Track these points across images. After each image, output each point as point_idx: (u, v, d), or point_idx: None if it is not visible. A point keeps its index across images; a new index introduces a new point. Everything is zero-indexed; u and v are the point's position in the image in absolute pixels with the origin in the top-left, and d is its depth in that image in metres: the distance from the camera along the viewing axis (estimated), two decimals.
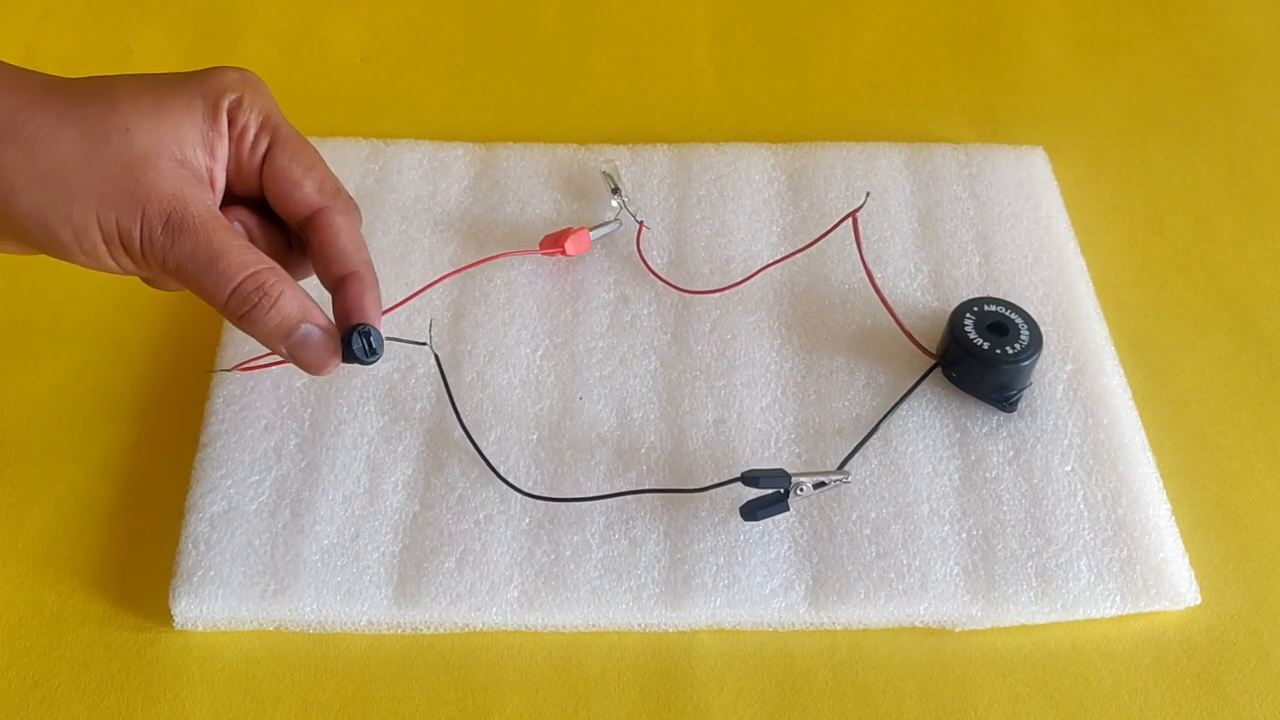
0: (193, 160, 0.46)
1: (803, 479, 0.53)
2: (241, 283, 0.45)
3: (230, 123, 0.48)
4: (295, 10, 0.80)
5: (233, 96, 0.47)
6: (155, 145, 0.45)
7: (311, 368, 0.48)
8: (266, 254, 0.47)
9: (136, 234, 0.44)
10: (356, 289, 0.49)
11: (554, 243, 0.63)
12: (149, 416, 0.59)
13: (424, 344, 0.57)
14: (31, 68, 0.46)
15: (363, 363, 0.48)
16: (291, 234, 0.51)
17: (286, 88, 0.75)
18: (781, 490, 0.53)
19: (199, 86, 0.47)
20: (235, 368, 0.58)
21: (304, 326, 0.47)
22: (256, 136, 0.48)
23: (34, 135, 0.44)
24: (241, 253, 0.46)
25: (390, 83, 0.76)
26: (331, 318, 0.49)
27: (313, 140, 0.68)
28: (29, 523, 0.55)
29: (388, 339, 0.53)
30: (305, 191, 0.49)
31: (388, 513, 0.54)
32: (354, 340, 0.47)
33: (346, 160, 0.68)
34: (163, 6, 0.80)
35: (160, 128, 0.45)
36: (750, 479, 0.53)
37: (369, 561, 0.53)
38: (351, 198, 0.51)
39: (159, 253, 0.45)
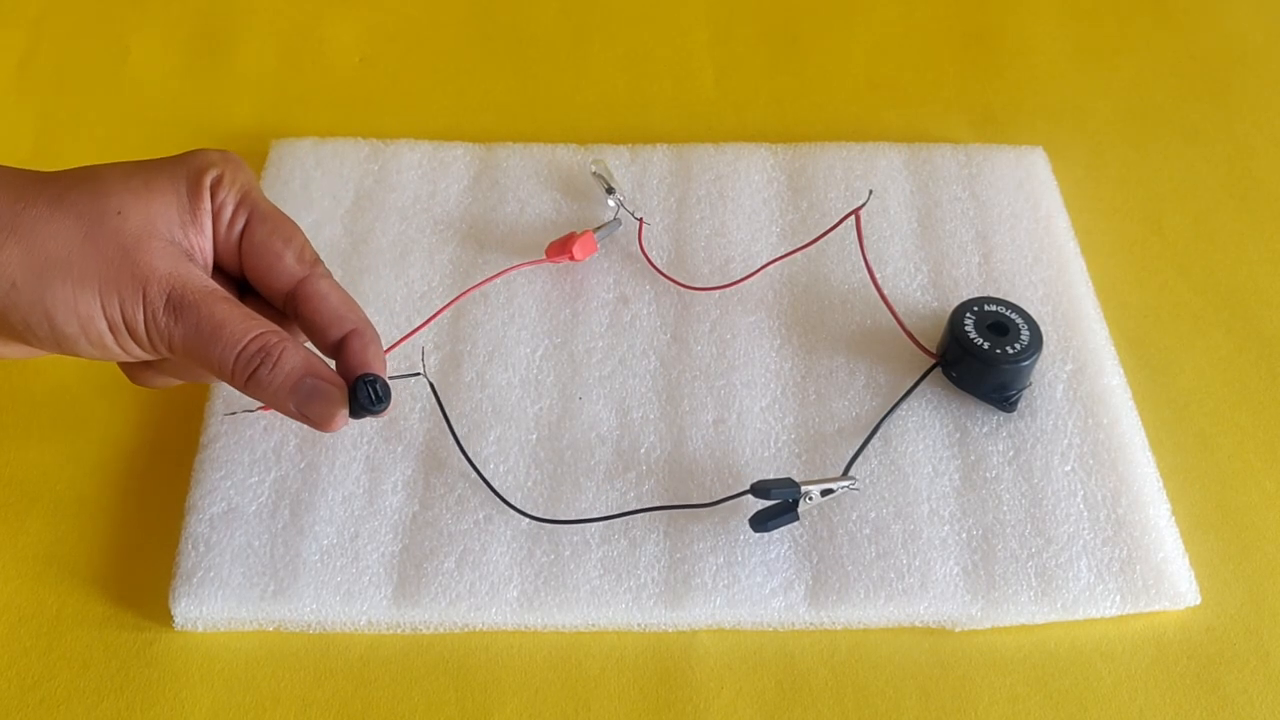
0: (182, 239, 0.46)
1: (811, 488, 0.53)
2: (245, 346, 0.45)
3: (211, 198, 0.47)
4: (295, 10, 0.80)
5: (214, 174, 0.47)
6: (147, 226, 0.45)
7: (320, 422, 0.47)
8: None
9: (140, 317, 0.44)
10: (358, 344, 0.48)
11: (560, 249, 0.63)
12: (149, 417, 0.59)
13: (418, 374, 0.57)
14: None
15: (371, 412, 0.46)
16: (275, 311, 0.50)
17: (286, 88, 0.75)
18: (790, 500, 0.53)
19: (183, 166, 0.47)
20: (259, 409, 0.57)
21: (308, 381, 0.46)
22: (235, 213, 0.48)
23: (30, 228, 0.44)
24: (244, 320, 0.46)
25: (390, 83, 0.76)
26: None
27: (312, 140, 0.69)
28: (29, 523, 0.55)
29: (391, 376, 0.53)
30: (286, 263, 0.49)
31: (387, 513, 0.54)
32: (360, 390, 0.46)
33: (346, 160, 0.68)
34: (161, 8, 0.79)
35: (151, 208, 0.46)
36: (760, 491, 0.52)
37: (368, 562, 0.53)
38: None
39: (164, 333, 0.45)
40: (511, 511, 0.54)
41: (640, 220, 0.65)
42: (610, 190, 0.66)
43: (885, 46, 0.79)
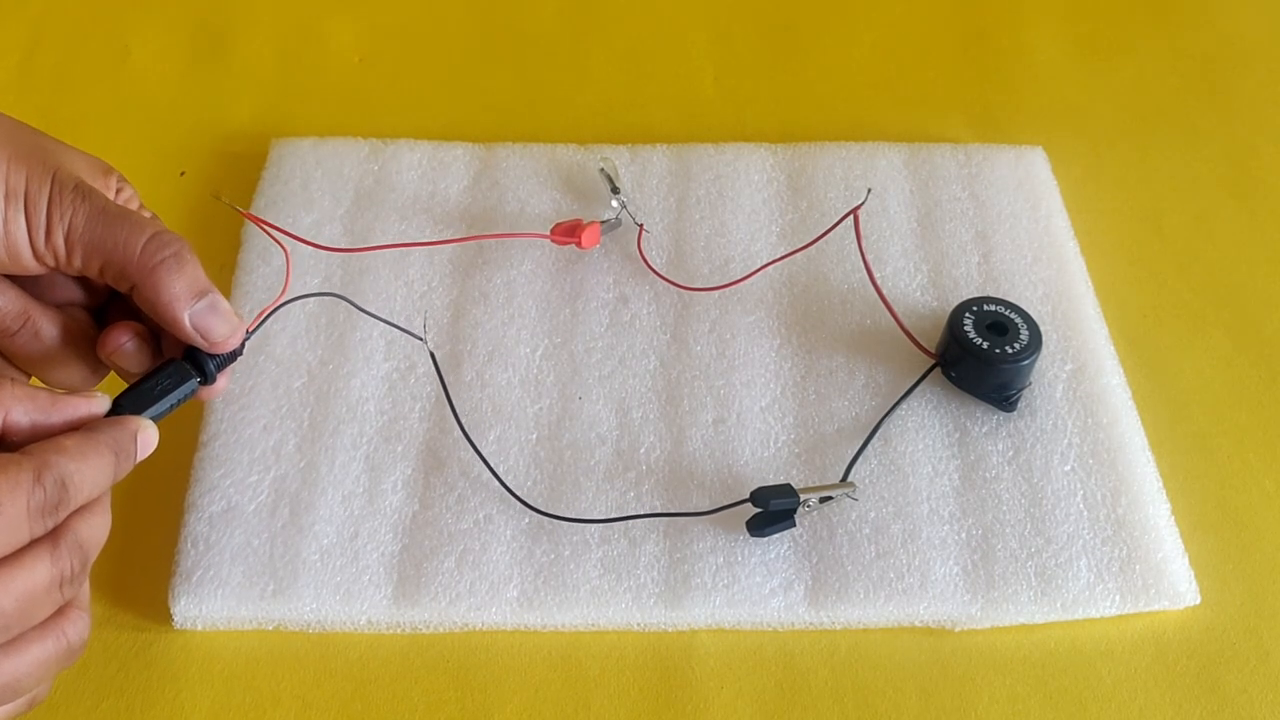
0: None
1: (810, 495, 0.53)
2: (160, 232, 0.43)
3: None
4: (295, 10, 0.80)
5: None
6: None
7: (210, 340, 0.45)
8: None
9: (45, 192, 0.41)
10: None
11: (568, 232, 0.62)
12: None
13: (422, 340, 0.57)
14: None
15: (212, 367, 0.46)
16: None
17: (286, 88, 0.75)
18: (789, 508, 0.53)
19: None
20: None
21: (213, 295, 0.44)
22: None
23: None
24: (152, 218, 0.44)
25: (390, 83, 0.76)
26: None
27: (312, 140, 0.69)
28: None
29: (389, 324, 0.54)
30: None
31: (387, 512, 0.54)
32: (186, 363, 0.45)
33: (346, 160, 0.68)
34: (162, 6, 0.80)
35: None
36: (760, 499, 0.52)
37: (368, 561, 0.53)
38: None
39: (66, 211, 0.42)
40: (511, 511, 0.54)
41: (640, 226, 0.65)
42: (615, 190, 0.66)
43: (885, 46, 0.79)
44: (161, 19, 0.79)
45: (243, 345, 0.46)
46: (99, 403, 0.42)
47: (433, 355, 0.56)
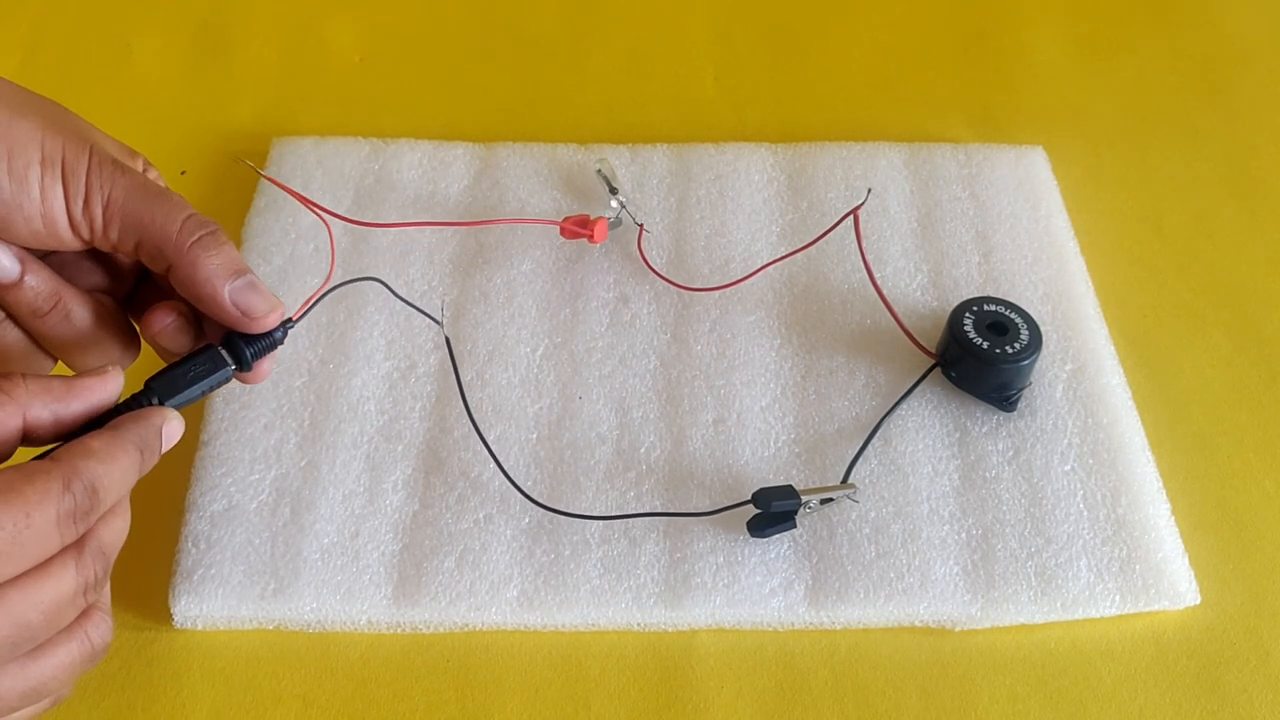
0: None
1: (810, 496, 0.53)
2: (195, 214, 0.43)
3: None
4: (295, 10, 0.80)
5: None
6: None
7: (250, 317, 0.44)
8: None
9: (85, 162, 0.41)
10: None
11: (579, 225, 0.62)
12: None
13: (439, 324, 0.57)
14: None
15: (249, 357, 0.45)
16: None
17: (287, 87, 0.75)
18: (790, 509, 0.53)
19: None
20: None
21: (250, 275, 0.44)
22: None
23: None
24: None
25: (390, 83, 0.76)
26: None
27: (313, 139, 0.69)
28: None
29: (415, 308, 0.55)
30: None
31: (387, 512, 0.54)
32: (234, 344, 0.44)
33: (347, 159, 0.68)
34: (163, 6, 0.80)
35: None
36: (761, 501, 0.52)
37: (369, 561, 0.53)
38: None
39: (105, 183, 0.41)
40: (511, 511, 0.54)
41: (640, 226, 0.65)
42: (614, 191, 0.66)
43: (885, 46, 0.79)
44: (163, 18, 0.79)
45: (284, 334, 0.46)
46: (113, 380, 0.41)
47: (448, 340, 0.57)
